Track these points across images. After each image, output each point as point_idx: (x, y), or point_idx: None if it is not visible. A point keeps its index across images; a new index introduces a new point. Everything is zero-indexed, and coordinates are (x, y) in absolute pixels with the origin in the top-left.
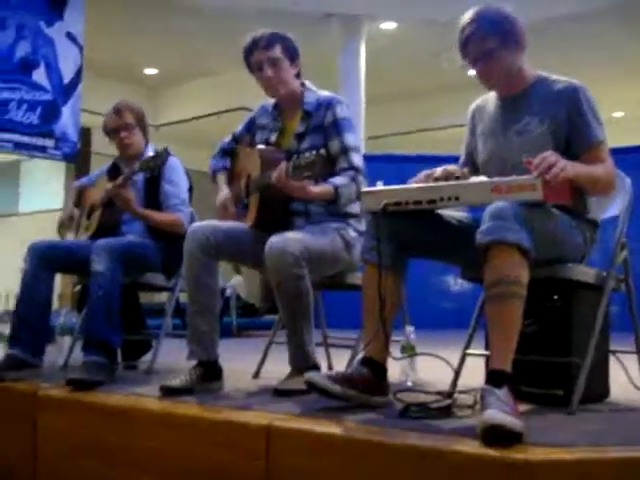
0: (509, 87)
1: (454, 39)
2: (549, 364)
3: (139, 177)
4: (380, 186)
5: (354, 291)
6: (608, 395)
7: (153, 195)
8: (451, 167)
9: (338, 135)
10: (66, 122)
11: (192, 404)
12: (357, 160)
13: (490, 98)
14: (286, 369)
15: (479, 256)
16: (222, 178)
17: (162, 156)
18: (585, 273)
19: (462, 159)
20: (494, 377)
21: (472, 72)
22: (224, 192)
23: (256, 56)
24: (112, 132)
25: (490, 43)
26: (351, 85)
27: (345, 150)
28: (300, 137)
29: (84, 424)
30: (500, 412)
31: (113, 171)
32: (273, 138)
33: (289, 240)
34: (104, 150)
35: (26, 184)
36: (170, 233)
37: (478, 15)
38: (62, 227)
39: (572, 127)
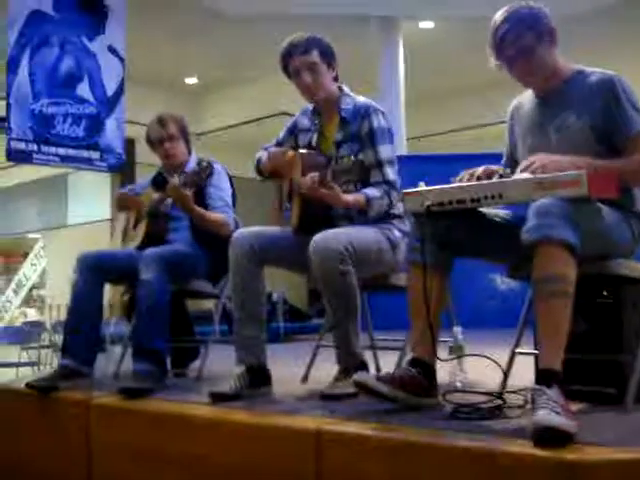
0: (545, 84)
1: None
2: (601, 362)
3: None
4: (422, 187)
5: (399, 292)
6: None
7: (200, 201)
8: (493, 166)
9: (373, 147)
10: (110, 134)
11: (241, 410)
12: (391, 174)
13: (527, 96)
14: (334, 372)
15: (525, 254)
16: (264, 154)
17: (207, 170)
18: (634, 268)
19: (504, 159)
20: (544, 376)
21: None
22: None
23: (294, 62)
24: (156, 143)
25: (526, 40)
26: (391, 86)
27: (379, 163)
28: (338, 145)
29: (136, 432)
30: (552, 413)
31: (158, 181)
32: (314, 141)
33: (333, 236)
34: (148, 160)
35: (74, 196)
36: (215, 239)
37: (511, 13)
38: (125, 238)
39: (610, 118)
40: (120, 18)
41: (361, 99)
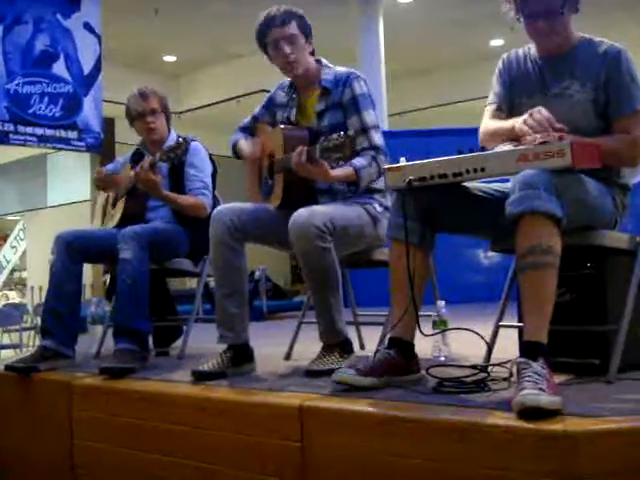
0: (557, 46)
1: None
2: (585, 333)
3: (162, 165)
4: (403, 162)
5: (382, 267)
6: None
7: (178, 181)
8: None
9: (357, 113)
10: (88, 113)
11: (225, 387)
12: (377, 139)
13: (525, 53)
14: (318, 349)
15: (509, 227)
16: (242, 140)
17: (182, 146)
18: (618, 239)
19: (495, 98)
20: (529, 349)
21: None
22: (249, 144)
23: (272, 34)
24: (137, 116)
25: (556, 1)
26: (372, 63)
27: (365, 129)
28: (320, 114)
29: (119, 411)
30: (536, 390)
31: (137, 158)
32: (293, 116)
33: (313, 212)
34: (128, 140)
35: (53, 177)
36: (196, 217)
37: None
38: (104, 217)
39: (609, 92)
40: None
41: (341, 69)
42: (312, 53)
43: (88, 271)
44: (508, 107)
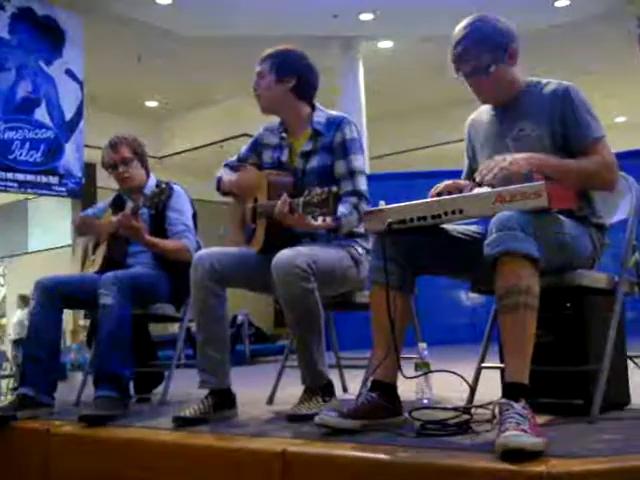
0: (502, 96)
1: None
2: (567, 374)
3: (144, 210)
4: (382, 205)
5: (364, 311)
6: (629, 402)
7: (159, 226)
8: (458, 180)
9: (345, 156)
10: (70, 158)
11: (206, 434)
12: (362, 184)
13: (484, 110)
14: (300, 392)
15: (488, 269)
16: (225, 175)
17: (165, 191)
18: (596, 279)
19: (463, 175)
20: (511, 390)
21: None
22: (234, 175)
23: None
24: (110, 167)
25: (483, 60)
26: (351, 105)
27: (351, 173)
28: (307, 156)
29: (99, 460)
30: (518, 432)
31: (117, 204)
32: (284, 157)
33: (296, 253)
34: (109, 185)
35: (34, 223)
36: (177, 262)
37: (471, 29)
38: (85, 263)
39: (567, 127)
40: (77, 41)
41: (334, 112)
42: (299, 95)
43: (68, 317)
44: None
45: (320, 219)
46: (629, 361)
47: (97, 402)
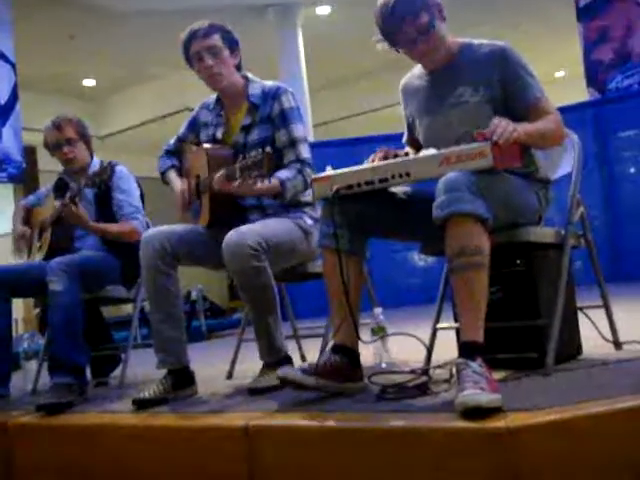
0: (439, 59)
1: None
2: (520, 328)
3: (89, 192)
4: (330, 171)
5: (317, 279)
6: (581, 352)
7: (106, 207)
8: (387, 149)
9: (285, 126)
10: (8, 143)
11: (167, 414)
12: (304, 152)
13: (417, 73)
14: (259, 366)
15: (437, 230)
16: (173, 173)
17: (107, 170)
18: (543, 234)
19: (405, 138)
20: (467, 349)
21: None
22: (178, 183)
23: (195, 47)
24: (54, 148)
25: (424, 17)
26: (292, 74)
27: (293, 142)
28: (247, 129)
29: (61, 448)
30: (476, 390)
31: (60, 187)
32: (219, 134)
33: (245, 233)
34: (52, 167)
35: None
36: (125, 242)
37: None
38: (16, 249)
39: (508, 89)
40: (5, 22)
41: (269, 82)
42: (239, 68)
43: (18, 305)
44: (416, 133)
45: (259, 182)
46: (579, 312)
47: (54, 390)
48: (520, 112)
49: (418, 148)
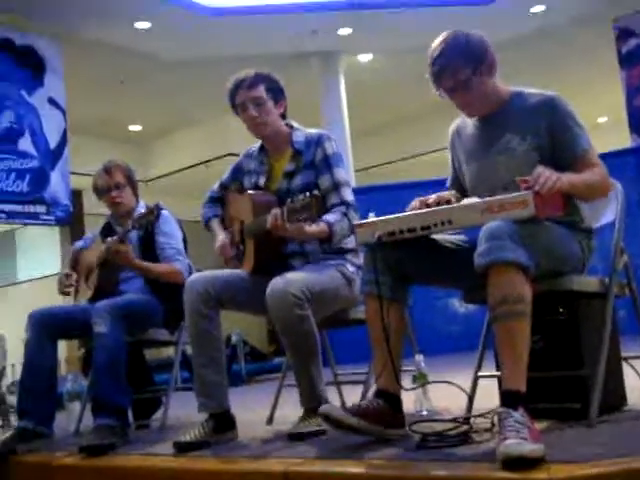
0: (486, 109)
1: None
2: (563, 378)
3: (133, 234)
4: (372, 218)
5: (359, 326)
6: (626, 403)
7: (149, 250)
8: (444, 193)
9: (328, 171)
10: (56, 186)
11: (208, 457)
12: (348, 195)
13: (467, 119)
14: (299, 412)
15: (479, 278)
16: (216, 223)
17: (154, 212)
18: (587, 282)
19: (449, 183)
20: (509, 398)
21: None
22: (221, 236)
23: (240, 96)
24: (102, 192)
25: (462, 74)
26: (335, 120)
27: (336, 186)
28: (290, 176)
29: None
30: (518, 439)
31: (106, 231)
32: (262, 181)
33: (289, 281)
34: (96, 210)
35: (22, 252)
36: (169, 286)
37: (447, 46)
38: (61, 284)
39: (556, 139)
40: (57, 69)
41: (312, 130)
42: (283, 117)
43: (62, 345)
44: (462, 178)
45: (313, 226)
46: (623, 362)
47: (96, 431)
48: (567, 162)
49: (462, 192)
